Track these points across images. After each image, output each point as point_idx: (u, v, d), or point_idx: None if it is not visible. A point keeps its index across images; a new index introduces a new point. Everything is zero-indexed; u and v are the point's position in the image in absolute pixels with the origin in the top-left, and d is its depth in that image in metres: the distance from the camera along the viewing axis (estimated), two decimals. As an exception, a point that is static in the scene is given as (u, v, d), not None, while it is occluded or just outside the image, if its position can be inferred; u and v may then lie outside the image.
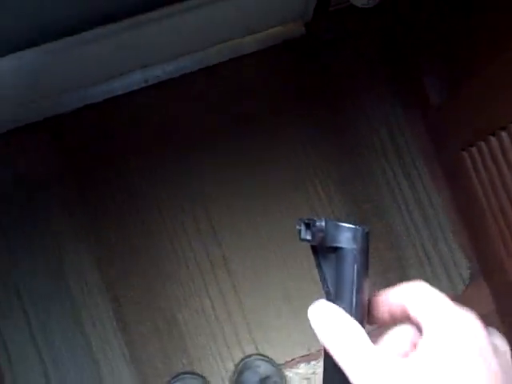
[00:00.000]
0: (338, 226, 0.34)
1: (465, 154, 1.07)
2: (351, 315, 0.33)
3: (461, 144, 1.07)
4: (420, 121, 1.20)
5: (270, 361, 1.11)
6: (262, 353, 1.12)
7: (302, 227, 0.34)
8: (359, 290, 0.34)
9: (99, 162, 1.16)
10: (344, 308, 0.33)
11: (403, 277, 1.14)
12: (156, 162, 1.16)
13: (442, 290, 1.03)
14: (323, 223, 0.33)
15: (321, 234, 0.33)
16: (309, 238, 0.33)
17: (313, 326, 0.33)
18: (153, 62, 1.16)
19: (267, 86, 1.20)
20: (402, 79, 1.21)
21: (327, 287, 0.35)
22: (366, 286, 0.34)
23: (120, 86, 1.16)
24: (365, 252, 0.34)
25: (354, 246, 0.34)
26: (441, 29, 1.11)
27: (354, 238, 0.34)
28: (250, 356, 1.12)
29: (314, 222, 0.33)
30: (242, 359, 1.11)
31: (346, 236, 0.34)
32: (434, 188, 1.18)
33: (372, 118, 1.19)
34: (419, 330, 0.32)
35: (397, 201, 1.17)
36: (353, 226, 0.34)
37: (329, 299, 0.34)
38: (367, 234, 0.34)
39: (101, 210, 1.15)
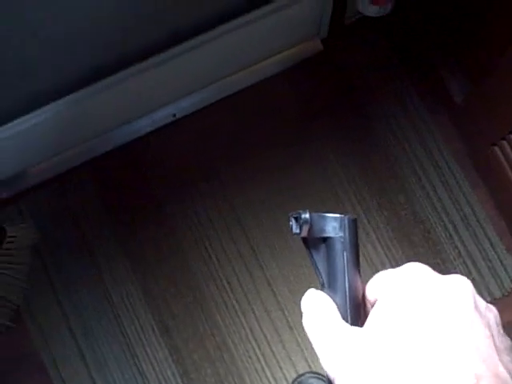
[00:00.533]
0: (324, 216, 0.35)
1: (496, 148, 1.06)
2: (345, 302, 0.33)
3: (491, 139, 1.06)
4: (448, 122, 1.20)
5: (323, 378, 1.10)
6: (315, 370, 1.11)
7: (293, 222, 0.35)
8: (351, 277, 0.34)
9: (136, 199, 1.20)
10: (338, 296, 0.34)
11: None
12: (190, 190, 1.20)
13: (489, 291, 1.01)
14: (307, 215, 0.34)
15: (307, 226, 0.34)
16: (297, 231, 0.34)
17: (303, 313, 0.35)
18: (179, 95, 1.21)
19: (291, 105, 1.23)
20: (424, 83, 1.21)
21: (321, 278, 0.36)
22: (358, 272, 0.35)
23: (150, 122, 1.21)
24: (353, 240, 0.35)
25: (341, 234, 0.34)
26: (455, 26, 1.12)
27: (341, 227, 0.34)
28: (303, 374, 1.11)
29: (300, 214, 0.34)
30: (296, 378, 1.11)
31: (333, 225, 0.35)
32: (470, 186, 1.17)
33: (400, 125, 1.20)
34: None
35: (433, 204, 1.16)
36: (338, 215, 0.35)
37: (323, 290, 0.35)
38: (354, 221, 0.35)
39: (135, 239, 1.19)
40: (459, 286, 0.30)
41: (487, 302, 0.32)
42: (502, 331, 0.30)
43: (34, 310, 1.17)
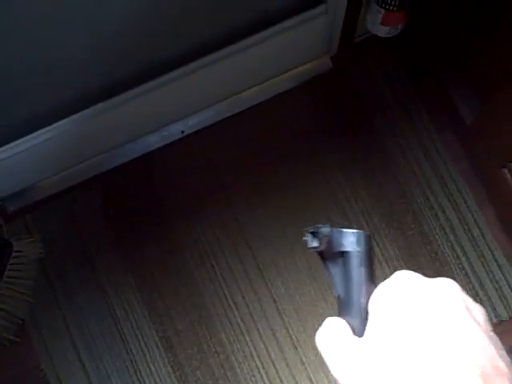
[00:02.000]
0: (342, 231, 0.37)
1: (505, 170, 1.05)
2: (361, 315, 0.34)
3: (500, 161, 1.05)
4: (457, 142, 1.20)
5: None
6: (319, 390, 1.11)
7: (309, 237, 0.36)
8: (368, 290, 0.35)
9: (142, 215, 1.21)
10: (354, 308, 0.35)
11: (456, 301, 1.12)
12: (197, 207, 1.20)
13: (496, 312, 1.00)
14: (328, 229, 0.35)
15: (326, 239, 0.35)
16: (316, 244, 0.35)
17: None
18: (188, 112, 1.21)
19: (300, 123, 1.23)
20: (434, 102, 1.21)
21: (337, 292, 0.36)
22: (374, 286, 0.35)
23: (158, 138, 1.22)
24: (369, 254, 0.36)
25: (359, 249, 0.36)
26: (465, 46, 1.12)
27: (358, 242, 0.36)
28: (307, 394, 1.11)
29: (320, 228, 0.35)
30: (300, 398, 1.10)
31: (350, 240, 0.36)
32: (478, 207, 1.16)
33: (409, 143, 1.19)
34: None
35: (441, 225, 1.16)
36: (356, 231, 0.36)
37: (340, 303, 0.36)
38: (369, 237, 0.36)
39: (141, 256, 1.19)
40: (448, 288, 0.32)
41: (494, 324, 0.33)
42: (491, 328, 0.31)
43: (39, 325, 1.17)
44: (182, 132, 1.22)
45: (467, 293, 1.02)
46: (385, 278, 1.08)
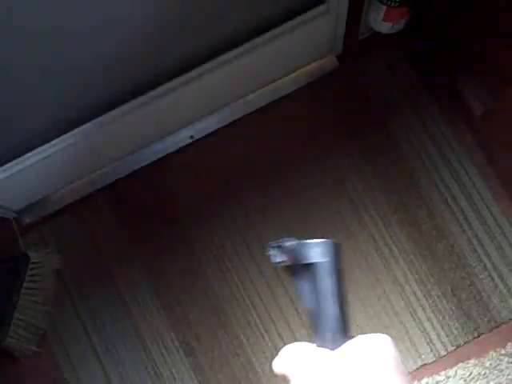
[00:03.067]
0: (307, 243, 0.35)
1: (519, 160, 1.04)
2: (337, 325, 0.34)
3: (513, 151, 1.05)
4: (468, 135, 1.19)
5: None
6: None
7: (272, 251, 0.35)
8: (338, 301, 0.34)
9: (156, 222, 1.21)
10: (327, 318, 0.34)
11: (476, 295, 1.11)
12: (209, 212, 1.20)
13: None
14: (293, 242, 0.34)
15: (292, 253, 0.34)
16: (280, 260, 0.35)
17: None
18: (196, 117, 1.22)
19: (309, 123, 1.22)
20: (442, 96, 1.20)
21: (306, 304, 0.36)
22: (343, 294, 0.35)
23: (167, 145, 1.22)
24: (337, 263, 0.35)
25: (326, 259, 0.34)
26: (472, 38, 1.11)
27: (324, 252, 0.35)
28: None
29: (284, 242, 0.34)
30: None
31: (317, 251, 0.35)
32: (493, 199, 1.15)
33: (420, 139, 1.19)
34: None
35: (456, 217, 1.15)
36: (321, 241, 0.35)
37: (310, 315, 0.35)
38: (336, 245, 0.35)
39: (157, 262, 1.19)
40: (380, 345, 0.33)
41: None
42: None
43: (60, 335, 1.18)
44: (191, 137, 1.22)
45: (487, 285, 1.02)
46: (401, 272, 1.06)
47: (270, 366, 1.12)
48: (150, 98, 1.03)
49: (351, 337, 0.35)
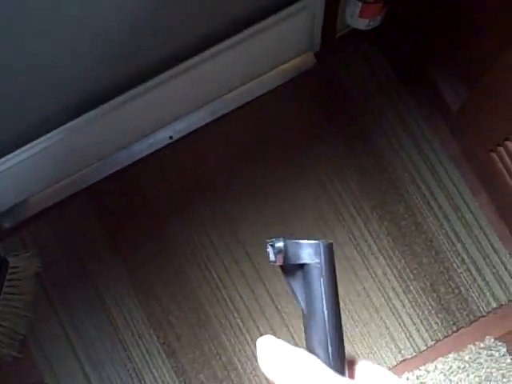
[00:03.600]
0: (298, 243, 0.35)
1: (494, 154, 1.05)
2: (325, 330, 0.33)
3: (488, 145, 1.05)
4: (445, 129, 1.20)
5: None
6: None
7: (270, 249, 0.35)
8: (329, 303, 0.34)
9: (136, 222, 1.21)
10: (317, 322, 0.34)
11: (455, 289, 1.12)
12: (189, 211, 1.20)
13: (495, 296, 1.00)
14: (281, 243, 0.34)
15: (281, 254, 0.34)
16: (272, 259, 0.34)
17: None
18: (175, 117, 1.22)
19: (287, 122, 1.23)
20: (419, 91, 1.21)
21: (301, 306, 0.35)
22: (337, 298, 0.34)
23: (147, 145, 1.22)
24: (329, 265, 0.35)
25: (317, 260, 0.34)
26: (447, 32, 1.12)
27: (316, 253, 0.34)
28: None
29: (273, 242, 0.34)
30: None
31: (308, 252, 0.34)
32: (470, 192, 1.16)
33: (396, 134, 1.19)
34: None
35: (434, 212, 1.15)
36: (313, 242, 0.35)
37: (304, 316, 0.35)
38: (329, 246, 0.35)
39: (137, 262, 1.19)
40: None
41: (493, 308, 0.33)
42: None
43: (40, 339, 1.18)
44: (171, 137, 1.22)
45: (465, 279, 1.02)
46: (380, 268, 1.06)
47: (252, 365, 1.13)
48: (128, 97, 1.03)
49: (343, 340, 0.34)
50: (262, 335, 0.36)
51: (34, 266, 1.19)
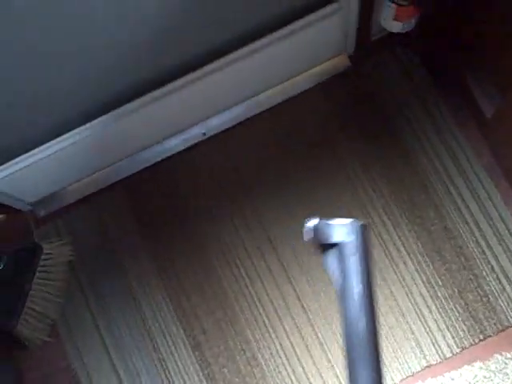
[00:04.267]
0: (331, 223, 0.36)
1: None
2: (360, 305, 0.34)
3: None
4: (478, 136, 1.19)
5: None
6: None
7: (306, 228, 0.36)
8: (363, 279, 0.35)
9: (168, 217, 1.23)
10: (352, 297, 0.34)
11: (483, 297, 1.11)
12: (220, 208, 1.22)
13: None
14: (315, 222, 0.35)
15: (312, 233, 0.35)
16: (307, 237, 0.35)
17: None
18: (209, 114, 1.23)
19: (320, 122, 1.23)
20: (453, 96, 1.20)
21: (335, 283, 0.36)
22: (372, 274, 0.35)
23: (180, 141, 1.24)
24: (362, 244, 0.35)
25: (351, 239, 0.35)
26: (483, 37, 1.11)
27: (350, 232, 0.35)
28: (333, 391, 1.11)
29: (308, 221, 0.35)
30: (326, 395, 1.11)
31: (342, 231, 0.35)
32: (502, 200, 1.15)
33: (429, 139, 1.19)
34: None
35: (465, 219, 1.15)
36: (346, 221, 0.35)
37: (338, 294, 0.36)
38: (363, 226, 0.35)
39: (168, 257, 1.21)
40: None
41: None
42: None
43: (70, 325, 1.20)
44: (204, 134, 1.24)
45: (494, 287, 1.01)
46: (409, 273, 1.06)
47: (275, 362, 1.14)
48: (166, 92, 1.05)
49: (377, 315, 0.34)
50: (287, 333, 0.37)
51: (66, 254, 1.22)
